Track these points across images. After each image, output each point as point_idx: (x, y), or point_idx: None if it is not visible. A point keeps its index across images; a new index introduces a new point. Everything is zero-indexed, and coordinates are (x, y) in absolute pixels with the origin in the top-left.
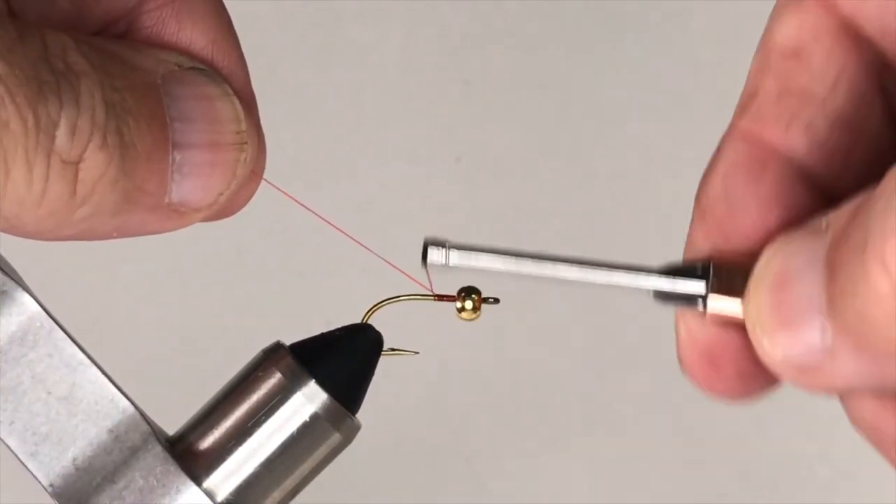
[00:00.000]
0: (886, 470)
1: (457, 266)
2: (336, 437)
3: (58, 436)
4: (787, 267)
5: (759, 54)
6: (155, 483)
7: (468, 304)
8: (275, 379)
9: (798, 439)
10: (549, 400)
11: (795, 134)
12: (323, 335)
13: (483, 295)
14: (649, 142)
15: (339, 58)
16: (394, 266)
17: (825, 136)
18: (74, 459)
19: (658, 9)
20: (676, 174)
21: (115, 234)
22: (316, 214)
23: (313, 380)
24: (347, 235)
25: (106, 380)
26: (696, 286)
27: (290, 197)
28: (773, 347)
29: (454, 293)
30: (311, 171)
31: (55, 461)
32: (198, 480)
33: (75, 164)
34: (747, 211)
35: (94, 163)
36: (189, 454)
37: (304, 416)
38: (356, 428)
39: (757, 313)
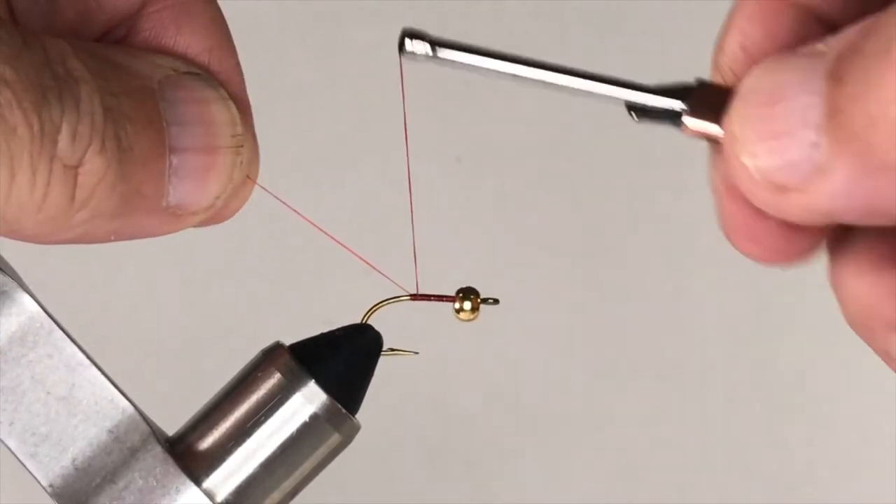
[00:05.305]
0: (887, 470)
1: (432, 58)
2: (336, 438)
3: (57, 436)
4: (780, 82)
5: None
6: (155, 483)
7: (466, 305)
8: (274, 379)
9: (798, 439)
10: (549, 400)
11: None
12: (323, 335)
13: (482, 296)
14: (649, 141)
15: (338, 58)
16: (381, 272)
17: None
18: (74, 460)
19: (658, 9)
20: (677, 174)
21: (112, 238)
22: (305, 219)
23: (313, 380)
24: (333, 239)
25: (105, 380)
26: (672, 103)
27: (282, 201)
28: (753, 160)
29: (453, 294)
30: (312, 170)
31: (55, 461)
32: (197, 481)
33: (75, 169)
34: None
35: (93, 167)
36: (189, 454)
37: (304, 416)
38: (356, 428)
39: (740, 126)
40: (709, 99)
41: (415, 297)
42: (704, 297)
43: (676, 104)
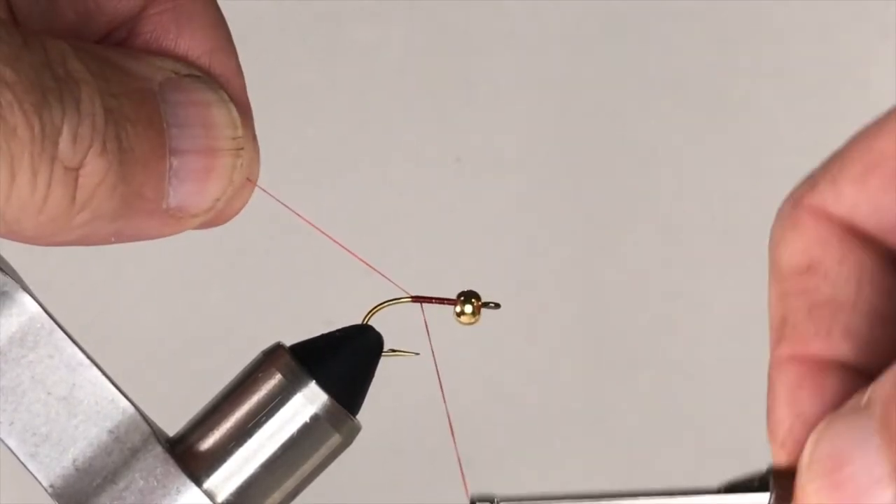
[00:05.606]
0: None
1: None
2: (336, 439)
3: (58, 436)
4: (837, 449)
5: (773, 284)
6: (155, 484)
7: (467, 309)
8: (275, 380)
9: None
10: (550, 401)
11: (837, 340)
12: (323, 336)
13: (483, 300)
14: (651, 140)
15: (339, 58)
16: (380, 273)
17: (865, 332)
18: (74, 460)
19: (659, 9)
20: (678, 173)
21: (112, 240)
22: (305, 220)
23: (314, 381)
24: (334, 240)
25: (106, 380)
26: (759, 499)
27: (282, 203)
28: None
29: (454, 296)
30: (312, 170)
31: (55, 462)
32: (198, 481)
33: (76, 171)
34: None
35: (94, 169)
36: (189, 455)
37: (305, 417)
38: (356, 429)
39: (816, 499)
40: (785, 484)
41: (416, 298)
42: (705, 298)
43: (764, 500)
